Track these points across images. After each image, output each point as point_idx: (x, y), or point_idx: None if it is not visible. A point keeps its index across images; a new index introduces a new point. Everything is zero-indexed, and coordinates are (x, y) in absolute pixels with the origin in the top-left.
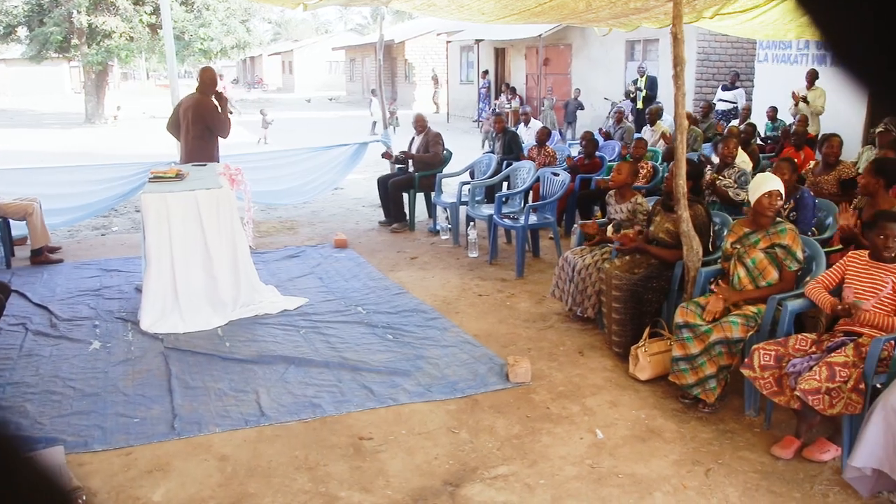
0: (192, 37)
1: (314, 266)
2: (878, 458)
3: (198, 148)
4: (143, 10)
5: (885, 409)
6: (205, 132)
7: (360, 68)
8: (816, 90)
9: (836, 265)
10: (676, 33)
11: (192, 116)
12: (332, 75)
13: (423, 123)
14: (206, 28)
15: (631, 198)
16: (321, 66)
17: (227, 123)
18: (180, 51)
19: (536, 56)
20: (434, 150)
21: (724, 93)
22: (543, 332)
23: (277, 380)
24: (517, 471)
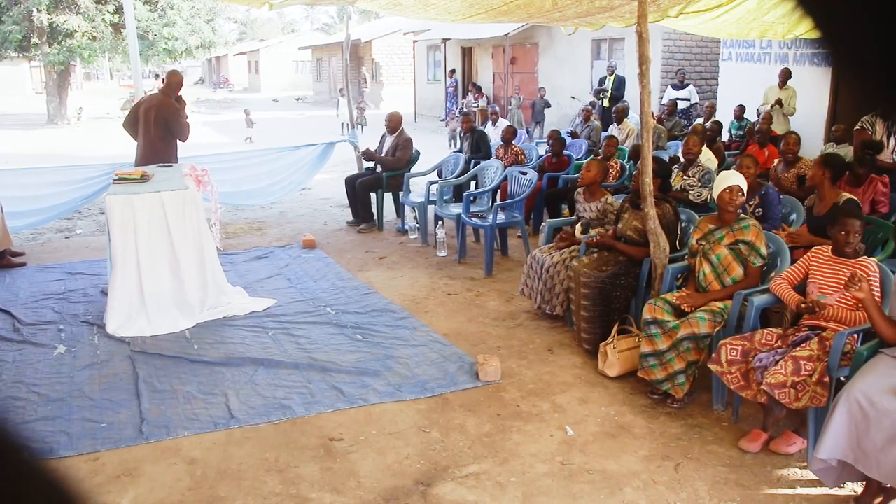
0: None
1: (282, 267)
2: (842, 450)
3: (156, 149)
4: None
5: (848, 401)
6: (165, 134)
7: (326, 68)
8: (788, 90)
9: (801, 261)
10: (641, 32)
11: (153, 117)
12: (298, 75)
13: (397, 123)
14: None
15: (601, 196)
16: (288, 65)
17: (187, 127)
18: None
19: (503, 55)
20: (400, 155)
21: (676, 92)
22: (513, 331)
23: (246, 382)
24: (488, 469)
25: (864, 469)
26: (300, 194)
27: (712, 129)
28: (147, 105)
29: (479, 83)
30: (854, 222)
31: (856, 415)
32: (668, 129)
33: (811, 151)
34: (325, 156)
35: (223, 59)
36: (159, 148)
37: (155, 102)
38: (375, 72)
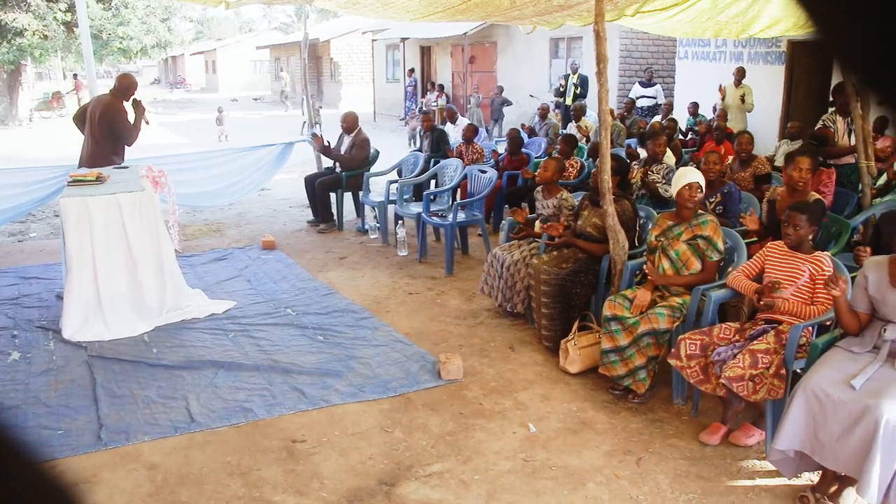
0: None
1: (242, 268)
2: (799, 441)
3: (99, 150)
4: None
5: (805, 393)
6: (109, 135)
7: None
8: (744, 87)
9: (757, 255)
10: (599, 31)
11: (98, 117)
12: (256, 75)
13: (353, 122)
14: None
15: (557, 193)
16: (245, 65)
17: (132, 131)
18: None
19: (462, 54)
20: (356, 154)
21: (644, 89)
22: (474, 329)
23: (207, 385)
24: (452, 467)
25: (821, 459)
26: (259, 195)
27: (669, 126)
28: (94, 105)
29: (438, 82)
30: (797, 216)
31: (812, 406)
32: (626, 127)
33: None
34: (284, 156)
35: (179, 58)
36: (103, 149)
37: (101, 103)
38: (334, 71)
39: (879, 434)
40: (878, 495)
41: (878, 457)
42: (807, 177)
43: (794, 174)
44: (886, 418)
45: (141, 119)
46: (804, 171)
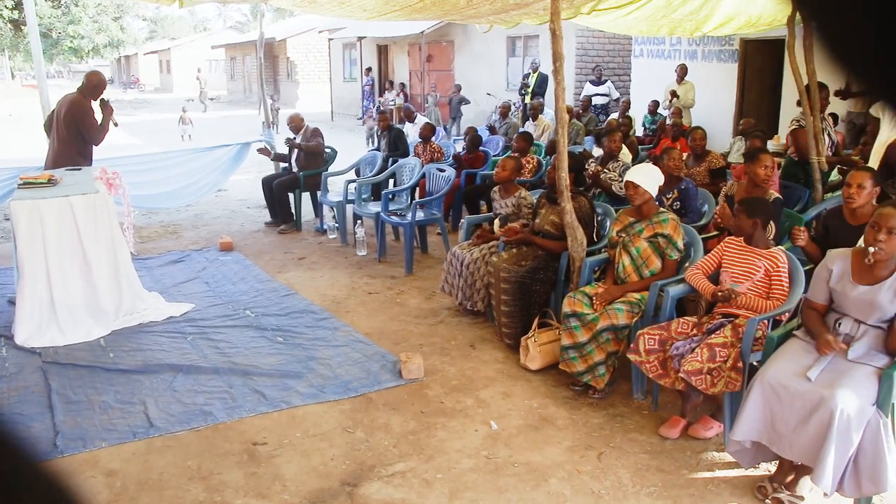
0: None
1: (199, 270)
2: (757, 432)
3: (66, 150)
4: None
5: (761, 384)
6: (75, 135)
7: (241, 67)
8: (686, 84)
9: (714, 251)
10: (555, 29)
11: (63, 115)
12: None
13: (298, 123)
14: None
15: (515, 192)
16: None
17: (99, 130)
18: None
19: (419, 53)
20: (313, 141)
21: (595, 87)
22: (434, 328)
23: (165, 389)
24: (414, 466)
25: (777, 449)
26: (216, 196)
27: (624, 124)
28: (60, 104)
29: (395, 81)
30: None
31: (769, 398)
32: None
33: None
34: (241, 156)
35: (133, 58)
36: (69, 149)
37: (67, 101)
38: (291, 70)
39: (834, 424)
40: (833, 484)
41: (832, 446)
42: (771, 174)
43: (760, 171)
44: (841, 408)
45: (109, 119)
46: (769, 169)
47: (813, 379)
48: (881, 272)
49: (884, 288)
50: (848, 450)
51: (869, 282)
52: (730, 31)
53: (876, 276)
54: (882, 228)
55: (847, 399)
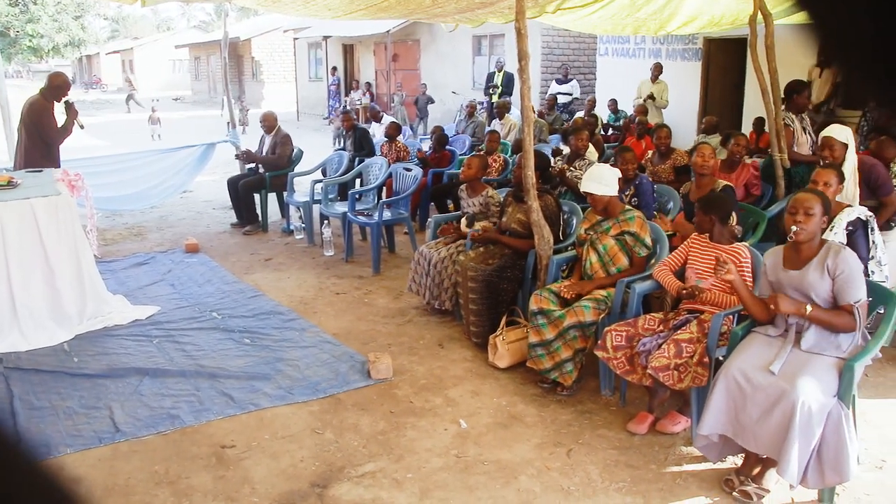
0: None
1: (165, 272)
2: (722, 425)
3: (31, 154)
4: None
5: (726, 378)
6: (36, 138)
7: (205, 67)
8: (660, 84)
9: (680, 248)
10: (520, 28)
11: (24, 118)
12: (176, 74)
13: (272, 122)
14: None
15: (482, 191)
16: (164, 64)
17: (59, 133)
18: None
19: (385, 52)
20: (280, 152)
21: (560, 86)
22: (403, 327)
23: (131, 393)
24: (384, 467)
25: (743, 442)
26: (181, 197)
27: (589, 122)
28: (23, 106)
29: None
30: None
31: (733, 391)
32: (549, 123)
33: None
34: (206, 157)
35: (94, 57)
36: (32, 152)
37: (28, 103)
38: (256, 70)
39: (797, 416)
40: (798, 475)
41: (796, 437)
42: (710, 162)
43: (698, 160)
44: (802, 400)
45: (72, 121)
46: (706, 157)
47: (776, 372)
48: (807, 255)
49: (811, 268)
50: (811, 441)
51: (797, 266)
52: (693, 29)
53: (803, 259)
54: (799, 211)
55: (809, 391)
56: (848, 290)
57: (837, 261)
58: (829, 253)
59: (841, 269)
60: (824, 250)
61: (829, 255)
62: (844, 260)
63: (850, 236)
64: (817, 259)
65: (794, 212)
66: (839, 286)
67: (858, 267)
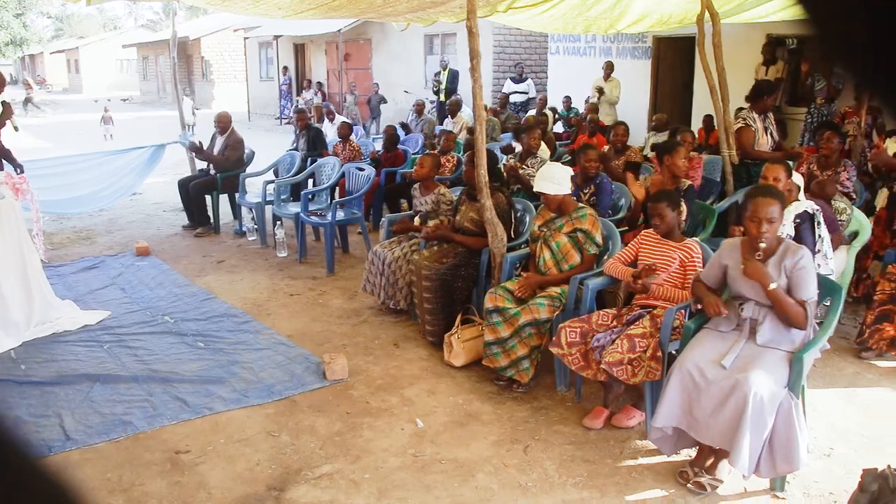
0: None
1: (115, 276)
2: (676, 418)
3: None
4: None
5: (680, 372)
6: None
7: (154, 67)
8: (612, 81)
9: (631, 243)
10: (471, 27)
11: None
12: (124, 74)
13: (226, 123)
14: None
15: (434, 189)
16: (111, 64)
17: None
18: None
19: (336, 51)
20: (229, 154)
21: (516, 85)
22: (358, 328)
23: (82, 400)
24: (341, 468)
25: (696, 435)
26: (130, 200)
27: (541, 120)
28: None
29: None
30: (657, 206)
31: (687, 385)
32: (501, 122)
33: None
34: (156, 158)
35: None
36: None
37: None
38: (206, 70)
39: (749, 407)
40: (750, 465)
41: (747, 429)
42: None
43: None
44: (754, 391)
45: (5, 120)
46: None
47: (728, 366)
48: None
49: (769, 266)
50: (763, 432)
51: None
52: (643, 28)
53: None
54: (762, 221)
55: (760, 383)
56: (802, 287)
57: (795, 259)
58: (788, 253)
59: (799, 266)
60: (782, 249)
61: (788, 255)
62: (802, 258)
63: (798, 229)
64: (776, 257)
65: (758, 222)
66: (794, 283)
67: (813, 267)
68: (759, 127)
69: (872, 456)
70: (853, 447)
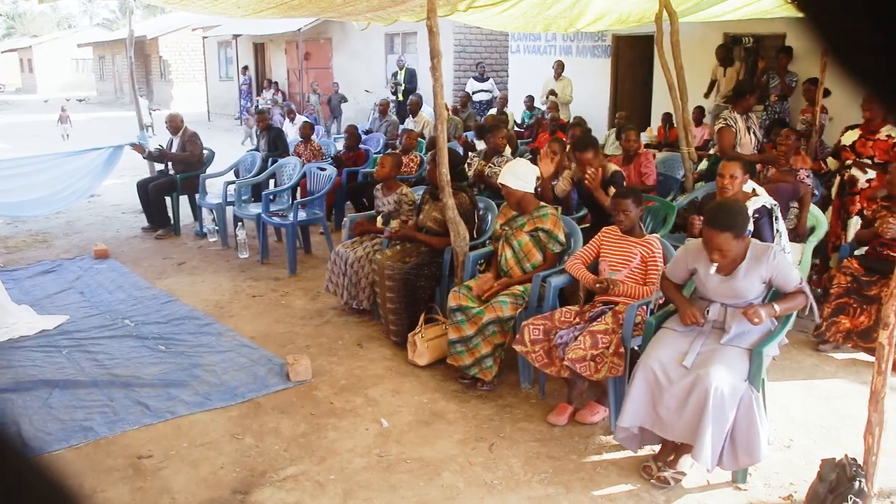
0: None
1: (73, 280)
2: (641, 417)
3: None
4: None
5: (645, 370)
6: None
7: (110, 66)
8: (563, 80)
9: (593, 241)
10: (431, 26)
11: None
12: (80, 74)
13: (176, 123)
14: None
15: (396, 189)
16: (67, 64)
17: None
18: None
19: (297, 51)
20: (191, 149)
21: (478, 84)
22: (321, 328)
23: (40, 406)
24: (306, 469)
25: (661, 432)
26: (88, 202)
27: (501, 119)
28: None
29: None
30: (623, 202)
31: (651, 384)
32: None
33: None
34: (114, 159)
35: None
36: None
37: None
38: (164, 70)
39: (710, 402)
40: (712, 459)
41: (709, 423)
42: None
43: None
44: (715, 386)
45: None
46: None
47: (689, 366)
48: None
49: (739, 276)
50: (725, 426)
51: (725, 272)
52: (602, 27)
53: (730, 264)
54: (714, 251)
55: (720, 378)
56: (788, 279)
57: (769, 260)
58: (760, 260)
59: (776, 264)
60: (751, 255)
61: (762, 263)
62: (774, 256)
63: (756, 223)
64: (746, 264)
65: (710, 249)
66: (780, 281)
67: (787, 259)
68: (742, 127)
69: (831, 446)
70: (812, 438)
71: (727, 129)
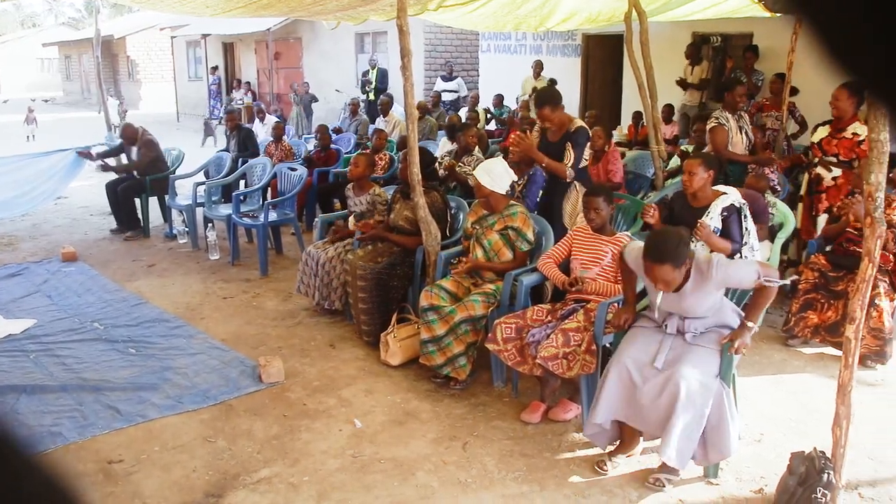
0: None
1: (40, 283)
2: (615, 411)
3: None
4: None
5: (618, 367)
6: None
7: (77, 66)
8: (542, 80)
9: (564, 239)
10: (402, 25)
11: None
12: (45, 74)
13: (131, 133)
14: None
15: (369, 189)
16: (31, 63)
17: None
18: None
19: (266, 50)
20: (144, 152)
21: (446, 83)
22: (293, 329)
23: (7, 412)
24: (280, 471)
25: (635, 424)
26: (56, 204)
27: (471, 117)
28: None
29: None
30: (594, 199)
31: (625, 381)
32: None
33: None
34: (81, 161)
35: None
36: None
37: None
38: (132, 70)
39: (679, 400)
40: (678, 458)
41: (679, 419)
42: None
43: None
44: (686, 383)
45: None
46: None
47: (660, 367)
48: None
49: (686, 293)
50: (698, 423)
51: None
52: (572, 26)
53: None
54: (658, 282)
55: (691, 375)
56: (741, 278)
57: (712, 273)
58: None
59: (725, 277)
60: (695, 271)
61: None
62: (716, 267)
63: (725, 221)
64: (691, 282)
65: (655, 281)
66: (736, 285)
67: (727, 260)
68: (733, 126)
69: (800, 439)
70: (782, 432)
71: (720, 128)
